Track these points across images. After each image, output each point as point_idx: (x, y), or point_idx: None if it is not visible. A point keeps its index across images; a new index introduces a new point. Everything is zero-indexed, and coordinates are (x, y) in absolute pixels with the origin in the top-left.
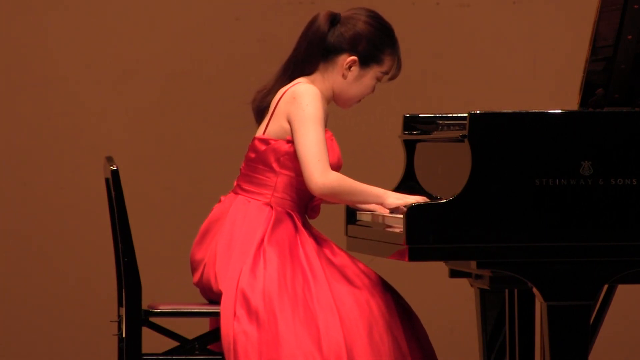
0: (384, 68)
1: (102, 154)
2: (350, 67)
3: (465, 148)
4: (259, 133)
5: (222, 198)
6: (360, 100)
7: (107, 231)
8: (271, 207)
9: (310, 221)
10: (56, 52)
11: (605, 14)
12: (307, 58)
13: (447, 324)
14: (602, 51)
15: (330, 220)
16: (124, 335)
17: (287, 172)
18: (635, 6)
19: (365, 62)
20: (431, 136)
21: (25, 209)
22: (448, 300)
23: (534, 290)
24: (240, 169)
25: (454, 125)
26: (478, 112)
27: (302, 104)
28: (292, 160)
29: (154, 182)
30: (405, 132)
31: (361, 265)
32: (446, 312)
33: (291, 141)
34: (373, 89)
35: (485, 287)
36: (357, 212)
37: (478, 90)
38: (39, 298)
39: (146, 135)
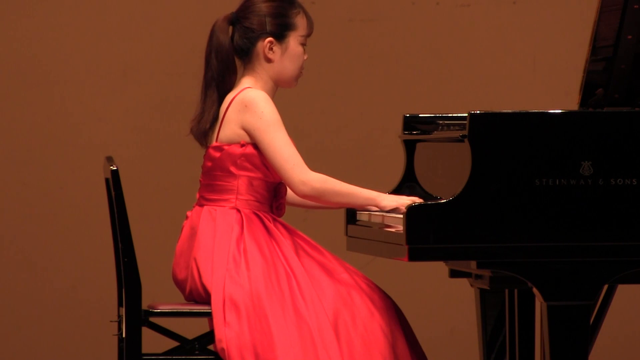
0: (300, 31)
1: (102, 154)
2: (270, 48)
3: (465, 148)
4: (212, 142)
5: (188, 213)
6: (302, 72)
7: (107, 231)
8: (238, 210)
9: (309, 222)
10: (56, 52)
11: (605, 14)
12: (225, 70)
13: (447, 324)
14: (602, 51)
15: (330, 220)
16: (124, 335)
17: (246, 173)
18: (635, 6)
19: (280, 35)
20: (431, 136)
21: (26, 209)
22: (448, 300)
23: (534, 290)
24: (200, 181)
25: (454, 125)
26: (478, 112)
27: (257, 112)
28: (249, 161)
29: (154, 182)
30: (405, 132)
31: (337, 258)
32: (446, 312)
33: (245, 145)
34: (305, 55)
35: (485, 287)
36: (357, 212)
37: (478, 90)
38: (39, 298)
39: (146, 135)
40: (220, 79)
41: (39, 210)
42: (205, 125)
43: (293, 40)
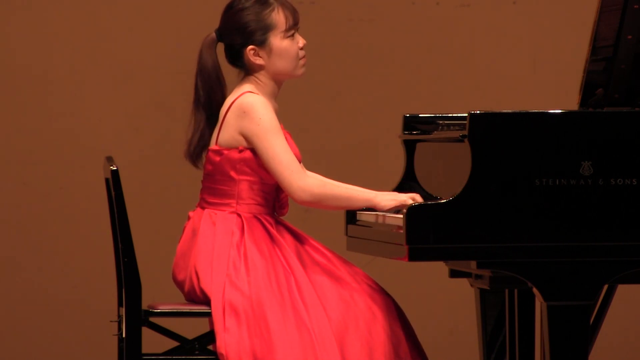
0: (280, 27)
1: (102, 154)
2: (255, 55)
3: (465, 148)
4: (212, 144)
5: (190, 214)
6: (304, 58)
7: (107, 231)
8: (238, 215)
9: (308, 222)
10: (56, 52)
11: (605, 14)
12: (210, 90)
13: (447, 324)
14: (602, 51)
15: (330, 220)
16: (124, 335)
17: (246, 178)
18: (635, 6)
19: (261, 41)
20: (431, 136)
21: (25, 209)
22: (448, 300)
23: (534, 290)
24: (202, 182)
25: (454, 125)
26: (478, 112)
27: (254, 118)
28: (248, 166)
29: (154, 182)
30: (405, 132)
31: (342, 259)
32: (446, 313)
33: (243, 150)
34: (298, 41)
35: (485, 287)
36: (357, 212)
37: (478, 90)
38: (39, 298)
39: (146, 135)
40: (207, 100)
41: (39, 210)
42: (195, 149)
43: (274, 39)
